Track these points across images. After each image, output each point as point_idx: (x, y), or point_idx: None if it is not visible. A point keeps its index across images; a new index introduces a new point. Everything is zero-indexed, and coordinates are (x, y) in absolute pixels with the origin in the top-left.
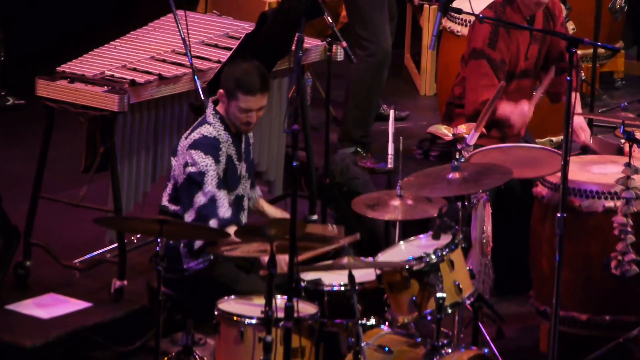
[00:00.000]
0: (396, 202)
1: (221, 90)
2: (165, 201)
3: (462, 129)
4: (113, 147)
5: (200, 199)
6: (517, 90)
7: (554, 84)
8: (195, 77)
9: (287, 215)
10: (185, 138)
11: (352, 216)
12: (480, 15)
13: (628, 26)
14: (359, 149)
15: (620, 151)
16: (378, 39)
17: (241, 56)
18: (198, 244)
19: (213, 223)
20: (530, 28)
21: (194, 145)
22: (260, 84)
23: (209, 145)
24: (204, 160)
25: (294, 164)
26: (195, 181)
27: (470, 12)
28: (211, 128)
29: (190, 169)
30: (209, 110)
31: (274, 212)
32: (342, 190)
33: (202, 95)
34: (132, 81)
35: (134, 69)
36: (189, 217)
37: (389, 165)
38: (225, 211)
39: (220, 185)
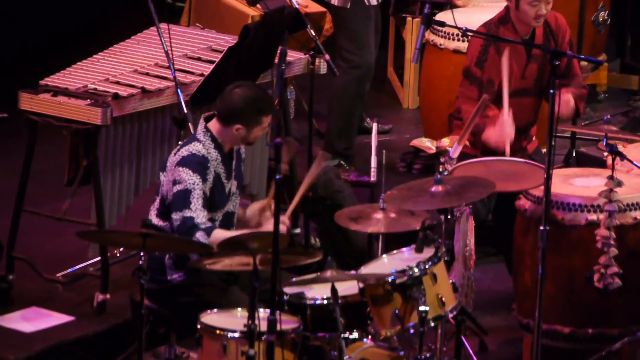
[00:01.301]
0: (379, 215)
1: (238, 126)
2: (152, 216)
3: (445, 142)
4: (96, 161)
5: (181, 218)
6: (518, 109)
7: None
8: (179, 90)
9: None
10: (175, 154)
11: (335, 229)
12: (464, 28)
13: (611, 39)
14: (342, 162)
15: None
16: (362, 51)
17: (224, 69)
18: (194, 257)
19: (200, 234)
20: (512, 41)
21: (182, 163)
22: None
23: (197, 163)
24: (191, 178)
25: (277, 177)
26: (181, 199)
27: (454, 25)
28: (200, 146)
29: (178, 187)
30: (200, 127)
31: (250, 208)
32: (325, 204)
33: (185, 108)
34: (115, 94)
35: (117, 82)
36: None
37: (372, 179)
38: (205, 222)
39: (205, 204)
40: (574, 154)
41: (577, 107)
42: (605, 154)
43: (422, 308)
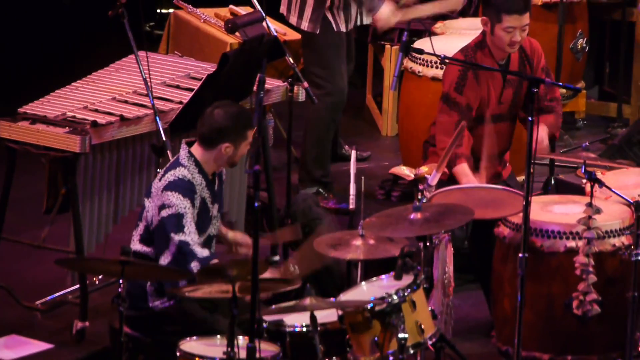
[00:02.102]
0: (358, 242)
1: (226, 144)
2: (135, 241)
3: (423, 169)
4: (75, 188)
5: (177, 242)
6: (497, 134)
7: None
8: (157, 118)
9: (247, 239)
10: (160, 179)
11: (314, 256)
12: (442, 55)
13: (589, 66)
14: (320, 190)
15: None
16: (334, 78)
17: (203, 97)
18: (182, 282)
19: (195, 265)
20: (489, 68)
21: (171, 187)
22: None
23: (185, 188)
24: (182, 202)
25: (256, 204)
26: (172, 224)
27: (432, 52)
28: (186, 170)
29: (168, 211)
30: (183, 153)
31: (234, 235)
32: (304, 231)
33: (163, 136)
34: (93, 122)
35: (96, 110)
36: (164, 259)
37: (351, 206)
38: (202, 251)
39: (195, 229)
40: (552, 181)
41: (553, 139)
42: (584, 181)
43: (401, 335)
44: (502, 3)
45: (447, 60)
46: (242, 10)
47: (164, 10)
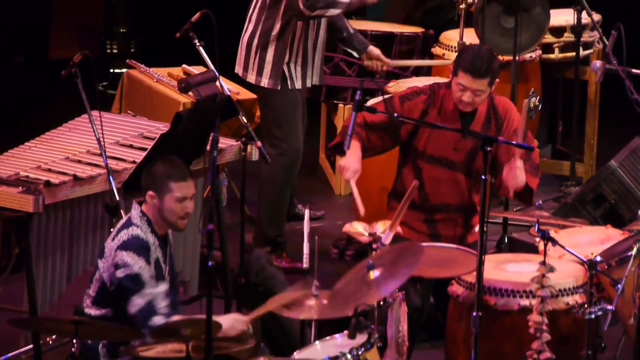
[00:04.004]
0: (312, 302)
1: (150, 192)
2: (89, 304)
3: (378, 228)
4: (28, 248)
5: (138, 302)
6: (447, 182)
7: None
8: (110, 177)
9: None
10: (113, 239)
11: (268, 316)
12: (396, 114)
13: (542, 125)
14: (274, 249)
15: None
16: (290, 138)
17: (156, 157)
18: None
19: (159, 320)
20: (441, 127)
21: (125, 246)
22: (188, 170)
23: (140, 247)
24: (137, 263)
25: (209, 263)
26: (130, 284)
27: (385, 111)
28: (139, 230)
29: (124, 271)
30: (135, 212)
31: None
32: (258, 290)
33: (117, 195)
34: (47, 182)
35: (49, 170)
36: (131, 307)
37: (305, 265)
38: (165, 306)
39: (155, 283)
40: (506, 240)
41: (530, 191)
42: (537, 239)
43: None
44: (462, 60)
45: (400, 119)
46: (195, 70)
47: (116, 70)
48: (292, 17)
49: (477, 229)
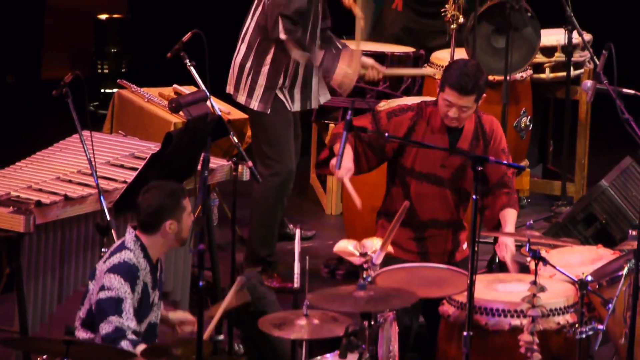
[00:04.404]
0: (302, 322)
1: (169, 222)
2: (79, 328)
3: (368, 245)
4: (19, 268)
5: (110, 326)
6: (433, 198)
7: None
8: (102, 197)
9: (189, 316)
10: (104, 262)
11: (259, 336)
12: (386, 134)
13: (533, 145)
14: (265, 269)
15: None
16: (283, 158)
17: (147, 176)
18: None
19: (124, 344)
20: (432, 146)
21: (114, 270)
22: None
23: (128, 272)
24: (122, 287)
25: (200, 283)
26: (108, 306)
27: (375, 131)
28: (131, 254)
29: (107, 293)
30: (130, 237)
31: (175, 314)
32: (248, 310)
33: (108, 215)
34: (38, 202)
35: (40, 190)
36: (97, 338)
37: (295, 285)
38: (134, 339)
39: (134, 313)
40: (497, 260)
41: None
42: (528, 259)
43: None
44: (451, 75)
45: (391, 139)
46: (186, 90)
47: (107, 90)
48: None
49: (465, 246)
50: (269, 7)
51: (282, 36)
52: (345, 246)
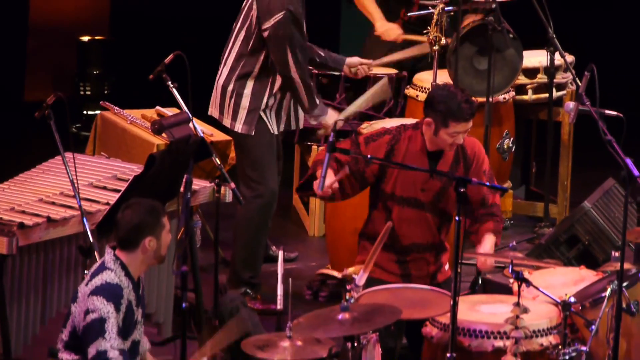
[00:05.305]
0: (286, 344)
1: (148, 238)
2: (62, 349)
3: (351, 270)
4: (2, 290)
5: (93, 349)
6: (414, 222)
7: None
8: (84, 219)
9: None
10: (86, 284)
11: (242, 357)
12: (368, 156)
13: (516, 166)
14: (248, 290)
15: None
16: (266, 180)
17: (130, 198)
18: None
19: None
20: (417, 168)
21: (96, 292)
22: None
23: (111, 292)
24: (105, 307)
25: (183, 305)
26: (95, 328)
27: (359, 154)
28: (113, 274)
29: (91, 316)
30: (109, 257)
31: None
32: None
33: (90, 237)
34: (20, 224)
35: (23, 212)
36: None
37: (279, 307)
38: (118, 356)
39: (120, 333)
40: (480, 281)
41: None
42: (512, 280)
43: None
44: (451, 111)
45: (374, 161)
46: (169, 112)
47: (90, 112)
48: (274, 67)
49: (447, 267)
50: (272, 41)
51: (295, 77)
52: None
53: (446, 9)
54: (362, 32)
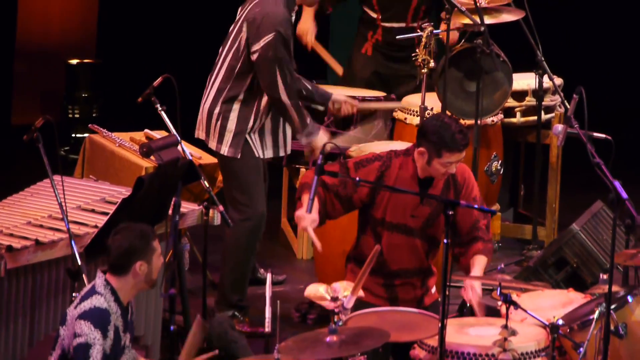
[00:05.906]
0: None
1: (139, 263)
2: None
3: (338, 288)
4: None
5: None
6: (403, 248)
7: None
8: (72, 242)
9: None
10: (75, 307)
11: None
12: (357, 178)
13: (504, 189)
14: (236, 313)
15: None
16: (254, 202)
17: (118, 221)
18: None
19: None
20: (407, 191)
21: (84, 316)
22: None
23: (99, 318)
24: (92, 333)
25: (172, 328)
26: (79, 352)
27: (347, 176)
28: (102, 299)
29: (78, 340)
30: (100, 281)
31: None
32: (220, 355)
33: (79, 260)
34: (8, 247)
35: (11, 235)
36: None
37: (267, 329)
38: None
39: (106, 357)
40: (468, 304)
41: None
42: (500, 303)
43: None
44: (444, 142)
45: (362, 183)
46: (158, 134)
47: (78, 135)
48: (260, 90)
49: (434, 290)
50: (261, 63)
51: (285, 99)
52: (316, 290)
53: (434, 31)
54: (352, 28)
